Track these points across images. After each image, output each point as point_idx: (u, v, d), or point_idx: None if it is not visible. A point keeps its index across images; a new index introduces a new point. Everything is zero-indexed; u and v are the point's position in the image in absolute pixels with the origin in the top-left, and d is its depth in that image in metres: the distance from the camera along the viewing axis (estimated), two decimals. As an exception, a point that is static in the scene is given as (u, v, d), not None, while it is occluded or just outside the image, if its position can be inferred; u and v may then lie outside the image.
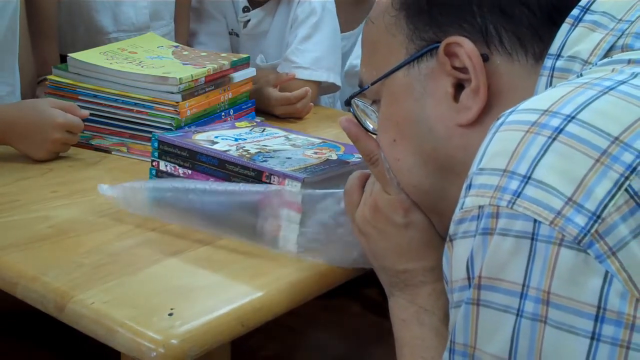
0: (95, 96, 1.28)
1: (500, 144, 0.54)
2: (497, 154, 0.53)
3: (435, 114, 0.68)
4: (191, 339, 0.74)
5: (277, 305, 0.82)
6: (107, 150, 1.28)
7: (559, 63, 0.63)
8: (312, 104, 1.62)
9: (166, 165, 1.03)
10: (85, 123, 1.22)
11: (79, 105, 1.24)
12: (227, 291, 0.83)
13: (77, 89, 1.29)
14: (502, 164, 0.52)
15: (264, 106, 1.54)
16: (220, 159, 0.98)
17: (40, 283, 0.83)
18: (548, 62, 0.63)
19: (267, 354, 1.59)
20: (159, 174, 1.05)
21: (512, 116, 0.55)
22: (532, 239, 0.50)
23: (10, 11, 1.36)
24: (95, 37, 1.67)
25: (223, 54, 1.45)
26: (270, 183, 0.92)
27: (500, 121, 0.55)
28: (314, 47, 1.72)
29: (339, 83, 1.73)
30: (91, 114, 1.25)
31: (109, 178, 1.16)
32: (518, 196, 0.51)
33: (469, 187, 0.54)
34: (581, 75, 0.60)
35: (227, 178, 0.96)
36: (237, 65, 1.39)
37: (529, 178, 0.51)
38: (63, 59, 1.40)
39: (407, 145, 0.71)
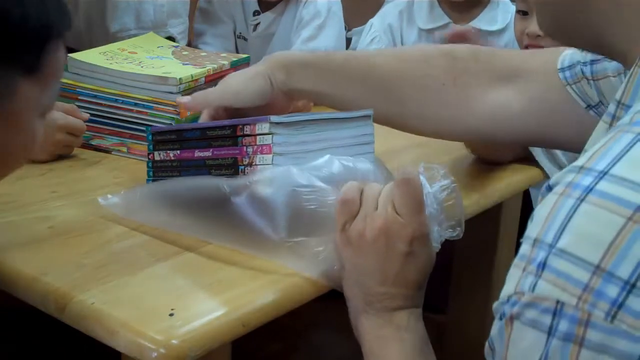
0: (95, 96, 1.27)
1: (590, 224, 0.47)
2: (585, 238, 0.47)
3: None
4: (192, 339, 0.74)
5: (278, 305, 0.82)
6: (107, 150, 1.28)
7: None
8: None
9: (159, 154, 1.07)
10: (85, 123, 1.22)
11: (78, 106, 1.24)
12: (228, 292, 0.83)
13: (77, 89, 1.28)
14: (595, 256, 0.46)
15: (264, 104, 1.54)
16: (200, 128, 1.02)
17: (40, 283, 0.83)
18: None
19: (267, 354, 1.59)
20: (154, 164, 1.08)
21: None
22: None
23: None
24: (115, 36, 1.68)
25: (223, 54, 1.45)
26: (244, 135, 0.95)
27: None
28: (316, 48, 1.72)
29: None
30: (91, 114, 1.25)
31: (109, 178, 1.16)
32: (620, 308, 0.45)
33: (543, 266, 0.48)
34: None
35: (209, 145, 1.00)
36: (237, 66, 1.39)
37: (633, 286, 0.44)
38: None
39: None
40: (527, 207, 1.37)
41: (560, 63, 0.94)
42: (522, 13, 1.61)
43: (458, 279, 1.44)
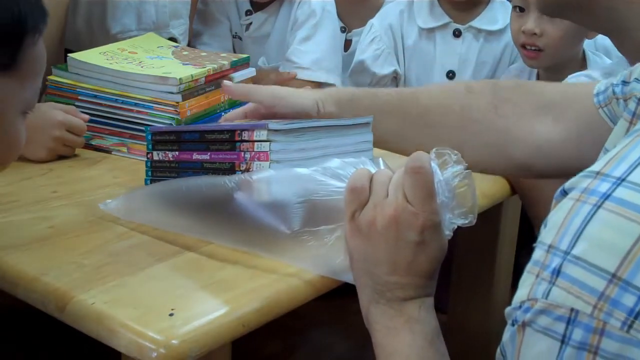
0: (95, 96, 1.27)
1: (607, 231, 0.46)
2: (601, 246, 0.46)
3: None
4: (192, 339, 0.74)
5: (278, 305, 0.82)
6: (107, 151, 1.28)
7: None
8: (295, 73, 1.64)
9: (158, 154, 1.06)
10: (86, 124, 1.22)
11: (78, 106, 1.24)
12: (228, 291, 0.83)
13: (77, 89, 1.28)
14: (612, 264, 0.45)
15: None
16: (199, 131, 1.02)
17: (40, 284, 0.83)
18: None
19: (267, 354, 1.60)
20: (153, 164, 1.07)
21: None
22: None
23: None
24: (115, 37, 1.68)
25: (223, 54, 1.45)
26: (242, 140, 0.95)
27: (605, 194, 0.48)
28: (314, 48, 1.73)
29: (339, 84, 1.74)
30: (91, 114, 1.25)
31: (109, 178, 1.16)
32: (636, 318, 0.44)
33: (558, 273, 0.48)
34: None
35: (207, 148, 0.99)
36: (237, 65, 1.39)
37: None
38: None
39: None
40: (527, 207, 1.37)
41: (597, 89, 0.94)
42: (519, 9, 1.61)
43: (458, 278, 1.44)
